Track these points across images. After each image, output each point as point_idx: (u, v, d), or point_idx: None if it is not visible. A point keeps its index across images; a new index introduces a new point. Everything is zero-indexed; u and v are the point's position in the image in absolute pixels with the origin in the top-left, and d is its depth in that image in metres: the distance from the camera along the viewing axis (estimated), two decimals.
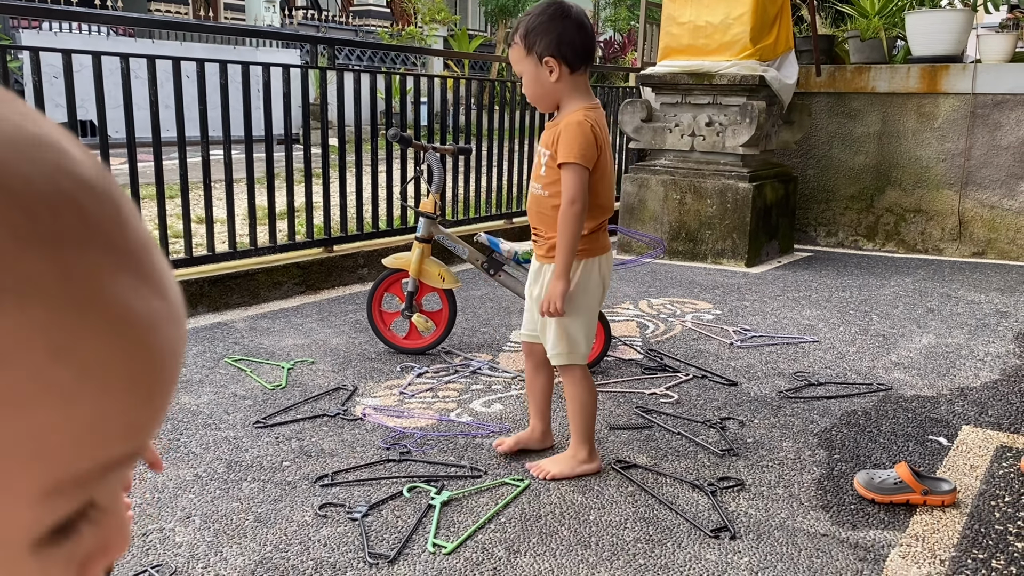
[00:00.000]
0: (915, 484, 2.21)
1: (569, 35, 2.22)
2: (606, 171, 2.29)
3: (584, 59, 2.26)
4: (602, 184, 2.29)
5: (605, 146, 2.27)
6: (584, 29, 2.25)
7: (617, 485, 2.31)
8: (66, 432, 0.27)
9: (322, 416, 2.76)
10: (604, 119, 2.32)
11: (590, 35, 2.27)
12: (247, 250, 4.27)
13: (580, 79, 2.29)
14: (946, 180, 5.99)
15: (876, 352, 3.58)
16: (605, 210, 2.35)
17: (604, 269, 2.38)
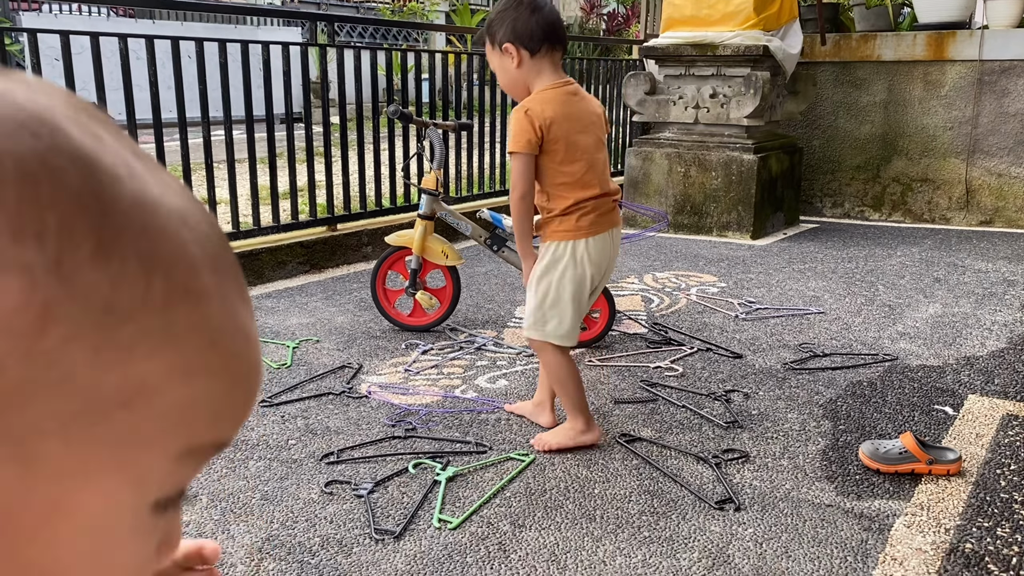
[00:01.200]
0: (920, 454, 2.20)
1: (523, 20, 2.26)
2: (569, 149, 2.25)
3: (543, 40, 2.27)
4: (569, 162, 2.27)
5: (560, 123, 2.24)
6: (540, 11, 2.27)
7: (622, 458, 2.32)
8: (206, 407, 0.33)
9: (327, 394, 2.77)
10: (571, 95, 2.30)
11: (548, 17, 2.28)
12: (250, 230, 4.26)
13: (544, 62, 2.30)
14: (953, 148, 5.94)
15: (882, 322, 3.57)
16: (581, 187, 2.27)
17: (591, 253, 2.29)
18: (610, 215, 2.35)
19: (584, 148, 2.28)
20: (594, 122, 2.33)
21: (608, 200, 2.33)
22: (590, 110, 2.34)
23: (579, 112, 2.29)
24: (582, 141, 2.27)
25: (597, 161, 2.31)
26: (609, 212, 2.34)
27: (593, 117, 2.33)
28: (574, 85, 2.35)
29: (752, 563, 1.83)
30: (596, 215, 2.30)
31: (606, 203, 2.33)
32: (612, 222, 2.35)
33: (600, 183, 2.31)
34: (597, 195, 2.29)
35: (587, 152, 2.28)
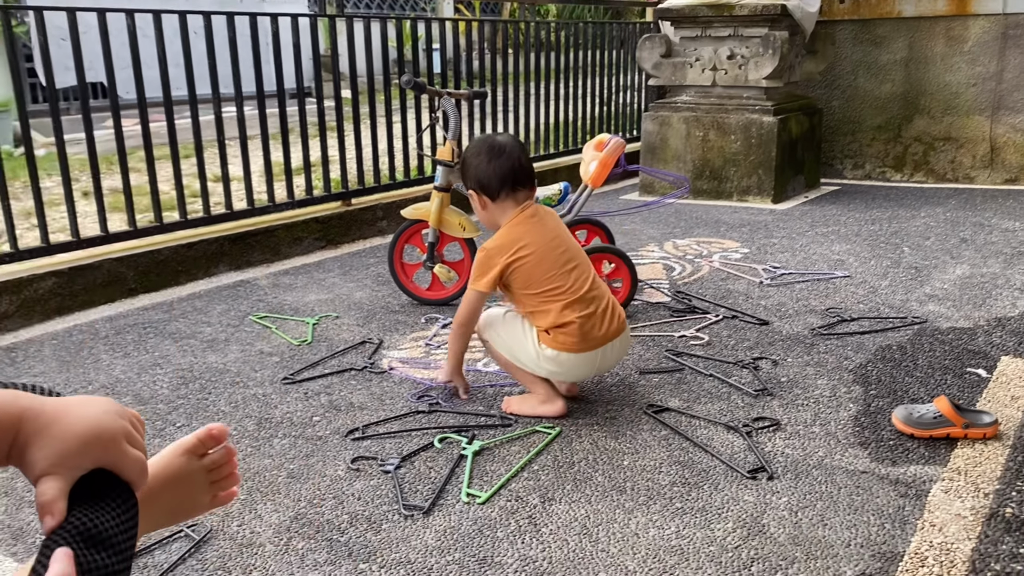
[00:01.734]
0: (956, 417, 2.15)
1: (483, 169, 2.37)
2: (540, 269, 2.30)
3: (500, 187, 2.37)
4: (541, 282, 2.30)
5: (529, 247, 2.30)
6: (498, 159, 2.35)
7: (650, 429, 2.28)
8: None
9: (349, 370, 2.74)
10: (530, 218, 2.36)
11: (503, 166, 2.35)
12: (266, 206, 4.23)
13: (507, 202, 2.39)
14: (976, 105, 5.81)
15: (909, 285, 3.50)
16: (556, 294, 2.28)
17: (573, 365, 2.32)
18: (605, 331, 2.31)
19: (563, 258, 2.32)
20: (563, 232, 2.40)
21: (599, 311, 2.30)
22: (555, 221, 2.42)
23: (546, 226, 2.37)
24: (560, 252, 2.32)
25: (581, 267, 2.33)
26: (601, 319, 2.30)
27: (562, 228, 2.41)
28: (532, 207, 2.40)
29: (788, 532, 1.79)
30: (584, 331, 2.28)
31: (598, 315, 2.29)
32: (605, 336, 2.31)
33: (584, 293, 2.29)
34: (590, 297, 2.29)
35: (568, 260, 2.32)
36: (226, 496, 0.98)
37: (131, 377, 2.74)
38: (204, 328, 3.20)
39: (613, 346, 2.34)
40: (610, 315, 2.33)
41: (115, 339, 3.11)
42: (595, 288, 2.33)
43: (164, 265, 3.75)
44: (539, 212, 2.41)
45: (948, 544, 1.73)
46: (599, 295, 2.33)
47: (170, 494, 0.92)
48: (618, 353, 2.39)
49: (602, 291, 2.36)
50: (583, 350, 2.29)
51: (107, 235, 3.64)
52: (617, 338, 2.35)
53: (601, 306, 2.31)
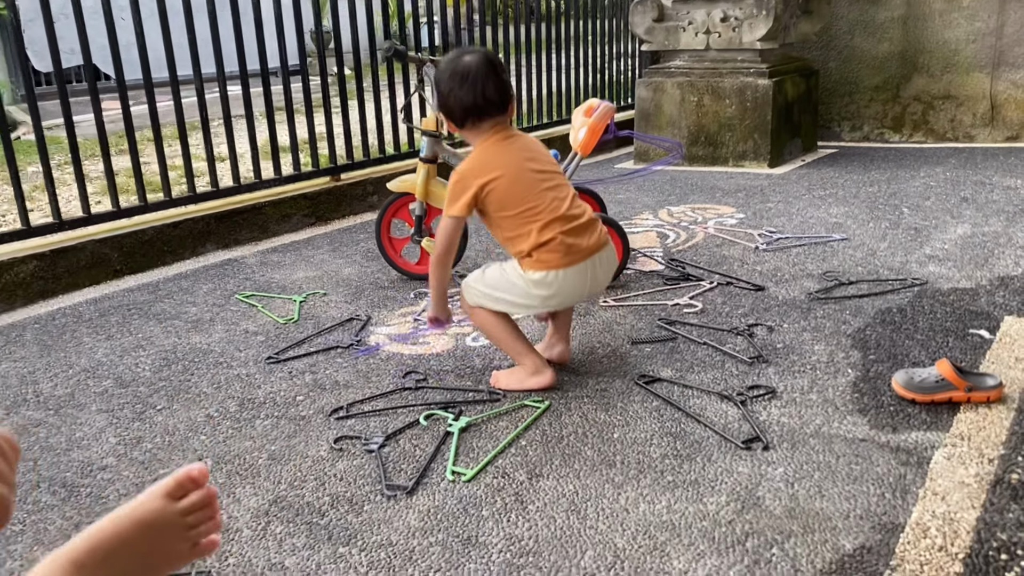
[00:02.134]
0: (958, 381, 2.08)
1: (451, 96, 2.25)
2: (512, 192, 2.21)
3: (464, 118, 2.26)
4: (516, 205, 2.21)
5: (500, 170, 2.21)
6: (466, 85, 2.22)
7: (641, 400, 2.22)
8: None
9: (335, 348, 2.67)
10: (503, 140, 2.27)
11: (475, 90, 2.22)
12: (253, 183, 4.14)
13: (474, 131, 2.29)
14: (976, 62, 5.69)
15: (909, 246, 3.42)
16: (533, 215, 2.20)
17: (564, 285, 2.23)
18: (587, 237, 2.24)
19: (537, 180, 2.23)
20: (540, 155, 2.30)
21: (578, 226, 2.23)
22: (529, 144, 2.32)
23: (520, 149, 2.27)
24: (533, 174, 2.23)
25: (555, 188, 2.24)
26: (583, 235, 2.23)
27: (539, 151, 2.31)
28: (506, 131, 2.30)
29: (784, 504, 1.73)
30: (568, 247, 2.21)
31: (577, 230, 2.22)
32: (589, 249, 2.24)
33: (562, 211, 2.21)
34: (568, 215, 2.22)
35: (543, 182, 2.23)
36: (208, 544, 0.90)
37: (113, 360, 2.68)
38: (189, 308, 3.13)
39: (601, 259, 2.27)
40: (591, 229, 2.26)
41: (99, 322, 3.04)
42: (575, 207, 2.25)
43: (149, 245, 3.67)
44: (513, 134, 2.31)
45: (951, 513, 1.67)
46: (579, 213, 2.25)
47: (144, 542, 0.85)
48: (607, 267, 2.31)
49: (583, 209, 2.27)
50: (570, 264, 2.21)
51: (90, 216, 3.56)
52: (602, 250, 2.27)
53: (582, 221, 2.24)
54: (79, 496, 1.91)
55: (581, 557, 1.59)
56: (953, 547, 1.56)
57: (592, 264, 2.25)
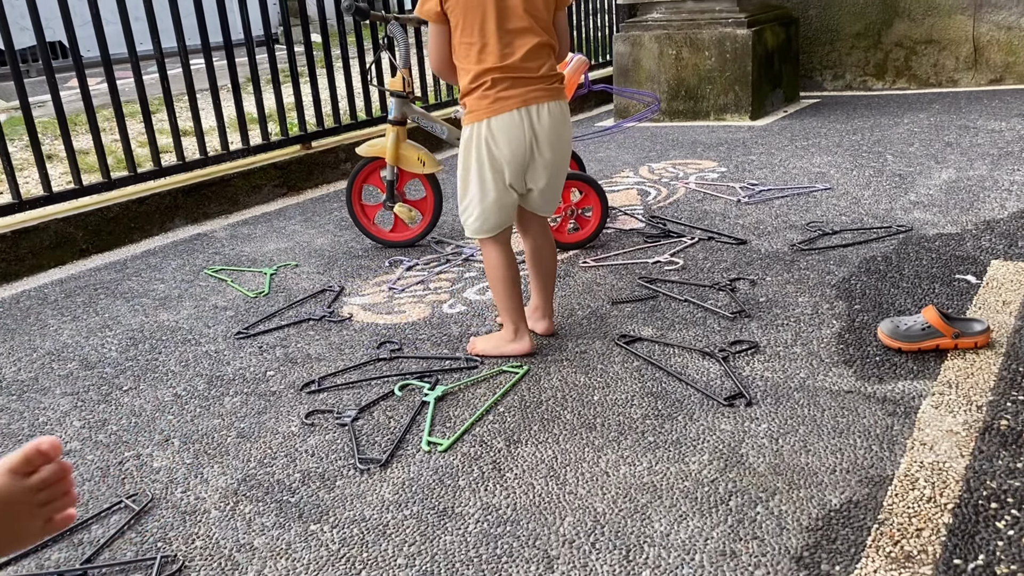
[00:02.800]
0: (944, 327, 2.03)
1: None
2: (465, 16, 2.04)
3: None
4: (464, 29, 2.05)
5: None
6: None
7: (622, 361, 2.15)
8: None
9: (307, 320, 2.60)
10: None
11: None
12: (220, 155, 4.03)
13: None
14: (958, 4, 5.59)
15: (893, 193, 3.35)
16: (480, 60, 2.04)
17: (488, 136, 2.07)
18: (522, 89, 2.05)
19: (491, 8, 2.03)
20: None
21: (518, 72, 2.05)
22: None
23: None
24: (489, 7, 2.03)
25: (514, 25, 2.05)
26: (524, 86, 2.05)
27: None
28: None
29: (768, 461, 1.67)
30: (500, 91, 2.04)
31: (518, 76, 2.05)
32: (528, 98, 2.05)
33: (510, 53, 2.04)
34: (504, 65, 2.03)
35: (498, 12, 2.03)
36: (62, 520, 0.83)
37: (79, 341, 2.59)
38: (157, 286, 3.04)
39: (541, 111, 2.07)
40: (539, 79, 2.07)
41: (64, 303, 2.95)
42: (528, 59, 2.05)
43: (115, 222, 3.57)
44: None
45: (940, 463, 1.62)
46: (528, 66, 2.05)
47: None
48: (555, 125, 2.09)
49: (539, 63, 2.07)
50: (497, 112, 2.05)
51: (51, 195, 3.45)
52: (543, 103, 2.07)
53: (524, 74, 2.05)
54: None
55: (560, 523, 1.54)
56: (942, 498, 1.51)
57: (527, 114, 2.06)
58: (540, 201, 2.21)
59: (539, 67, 2.08)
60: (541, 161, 2.12)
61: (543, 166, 2.13)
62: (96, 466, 1.88)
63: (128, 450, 1.94)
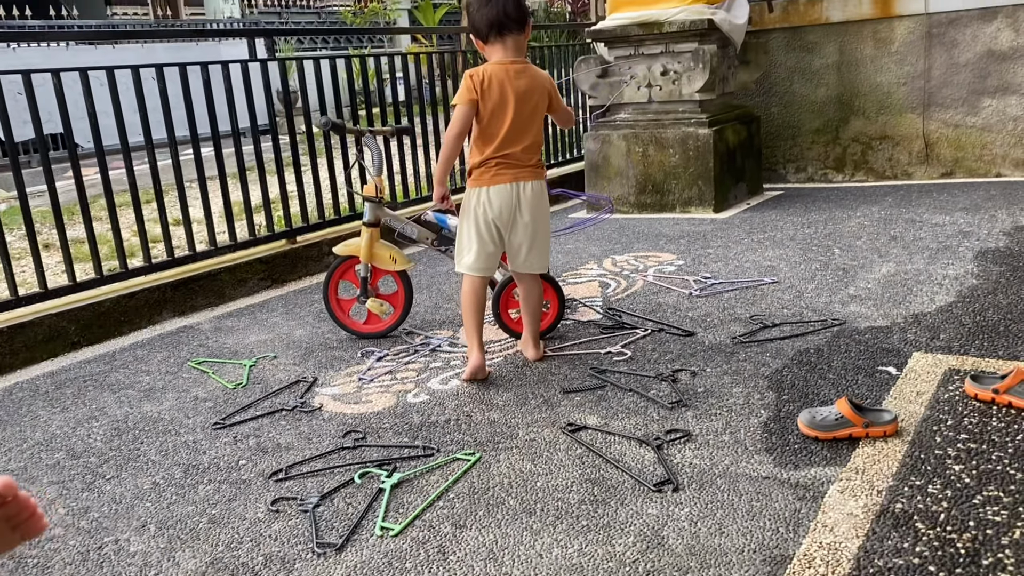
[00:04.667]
0: (855, 418, 2.23)
1: (477, 15, 2.82)
2: (491, 116, 2.80)
3: (489, 31, 2.81)
4: (487, 126, 2.81)
5: (492, 93, 2.78)
6: (486, 7, 2.78)
7: (566, 449, 2.34)
8: None
9: (280, 410, 2.79)
10: (515, 73, 2.80)
11: (491, 11, 2.77)
12: (208, 251, 4.27)
13: (496, 46, 2.83)
14: (908, 103, 5.95)
15: (834, 286, 3.59)
16: (493, 147, 2.81)
17: (486, 200, 2.84)
18: (515, 171, 2.83)
19: (509, 116, 2.79)
20: (532, 96, 2.82)
21: (516, 159, 2.83)
22: (531, 86, 2.82)
23: (516, 85, 2.79)
24: (512, 108, 2.79)
25: (520, 128, 2.82)
26: (516, 168, 2.83)
27: (533, 92, 2.83)
28: (521, 65, 2.83)
29: (685, 543, 1.85)
30: (498, 169, 2.83)
31: (515, 162, 2.83)
32: (518, 176, 2.84)
33: (513, 144, 2.82)
34: (505, 154, 2.82)
35: (511, 120, 2.79)
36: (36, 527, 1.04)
37: (66, 432, 2.77)
38: (143, 377, 3.24)
39: (525, 185, 2.85)
40: (526, 167, 2.85)
41: (55, 394, 3.14)
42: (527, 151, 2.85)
43: (106, 316, 3.78)
44: (523, 68, 2.82)
45: (837, 543, 1.80)
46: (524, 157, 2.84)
47: None
48: (536, 196, 2.87)
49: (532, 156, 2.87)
50: (494, 183, 2.83)
51: (47, 291, 3.67)
52: (528, 180, 2.85)
53: (519, 160, 2.84)
54: (27, 567, 2.00)
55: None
56: (834, 575, 1.69)
57: (516, 187, 2.84)
58: (527, 260, 2.93)
59: (529, 158, 2.88)
60: (522, 221, 2.88)
61: (523, 225, 2.89)
62: (77, 551, 2.05)
63: (107, 535, 2.11)
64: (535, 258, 2.96)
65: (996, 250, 3.91)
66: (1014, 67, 5.61)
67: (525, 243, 2.91)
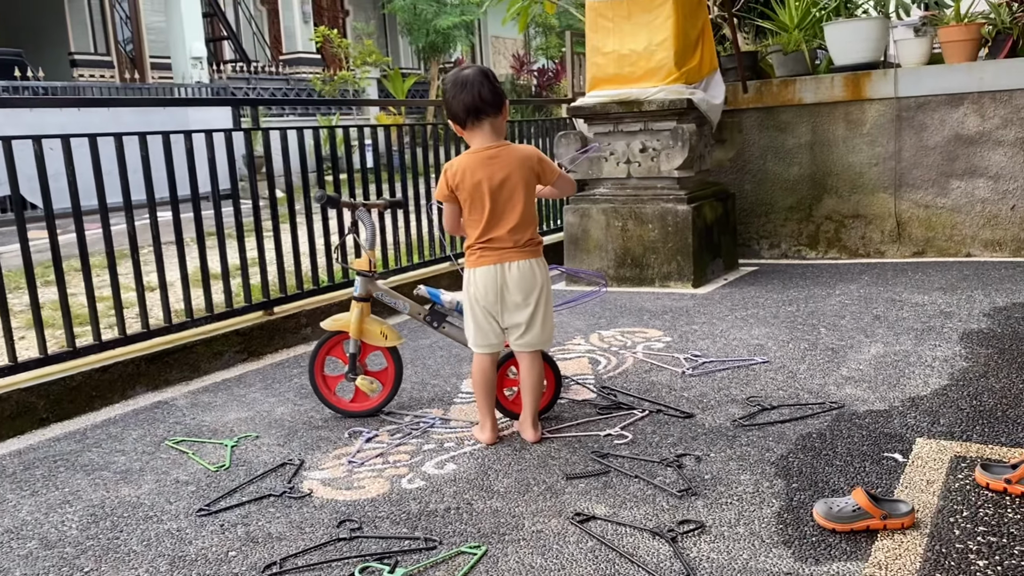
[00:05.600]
0: (873, 509, 2.18)
1: (452, 102, 2.86)
2: (472, 202, 2.86)
3: (466, 117, 2.85)
4: (471, 211, 2.87)
5: (465, 185, 2.84)
6: (462, 92, 2.81)
7: (576, 541, 2.25)
8: None
9: (268, 496, 2.66)
10: (488, 159, 2.84)
11: (472, 93, 2.80)
12: (183, 322, 4.15)
13: (475, 131, 2.88)
14: (880, 183, 6.09)
15: (826, 367, 3.58)
16: (477, 232, 2.86)
17: (475, 281, 2.90)
18: (499, 252, 2.86)
19: (486, 205, 2.84)
20: (509, 180, 2.84)
21: (501, 241, 2.85)
22: (508, 170, 2.84)
23: (491, 172, 2.84)
24: (487, 197, 2.83)
25: (500, 213, 2.85)
26: (499, 250, 2.86)
27: (511, 176, 2.84)
28: (495, 149, 2.86)
29: None
30: (482, 252, 2.88)
31: (499, 243, 2.86)
32: (502, 258, 2.86)
33: (496, 229, 2.85)
34: (488, 239, 2.86)
35: (488, 208, 2.84)
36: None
37: (38, 518, 2.61)
38: (118, 457, 3.08)
39: (511, 266, 2.86)
40: (512, 246, 2.86)
41: (23, 475, 2.97)
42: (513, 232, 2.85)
43: (77, 391, 3.62)
44: (499, 151, 2.85)
45: None
46: (508, 238, 2.85)
47: None
48: (522, 275, 2.87)
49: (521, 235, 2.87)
50: (480, 264, 2.88)
51: (15, 364, 3.51)
52: (514, 260, 2.86)
53: (503, 242, 2.85)
54: None
55: None
56: None
57: (500, 268, 2.86)
58: (523, 338, 2.92)
59: (516, 240, 2.88)
60: (511, 300, 2.89)
61: (514, 305, 2.89)
62: None
63: None
64: (532, 336, 2.93)
65: (979, 331, 3.95)
66: (980, 151, 5.78)
67: (520, 321, 2.90)
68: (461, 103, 2.82)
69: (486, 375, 2.97)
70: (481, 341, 2.95)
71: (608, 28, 5.65)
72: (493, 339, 2.94)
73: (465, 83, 2.82)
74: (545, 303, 2.93)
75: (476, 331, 2.95)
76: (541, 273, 2.92)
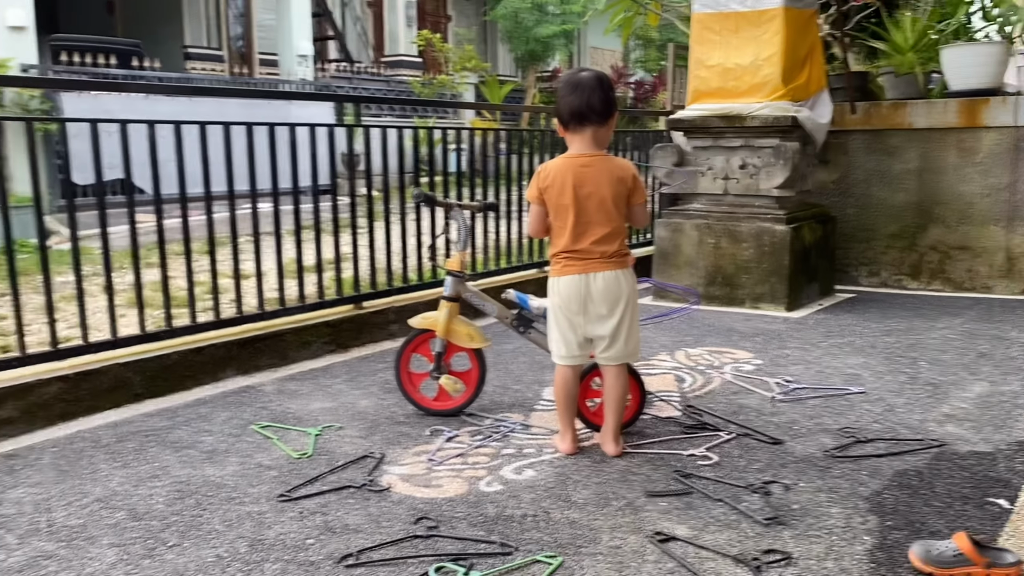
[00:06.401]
0: (976, 557, 2.05)
1: (563, 101, 2.80)
2: (558, 209, 2.82)
3: (570, 120, 2.81)
4: (557, 218, 2.83)
5: (553, 191, 2.80)
6: (572, 95, 2.76)
7: (655, 561, 2.19)
8: None
9: (348, 487, 2.67)
10: (581, 167, 2.79)
11: (582, 98, 2.75)
12: (276, 310, 4.23)
13: (575, 136, 2.83)
14: (991, 215, 5.80)
15: (926, 403, 3.41)
16: (562, 240, 2.82)
17: (559, 290, 2.85)
18: (584, 262, 2.80)
19: (571, 214, 2.78)
20: (599, 191, 2.78)
21: (586, 253, 2.79)
22: (598, 180, 2.78)
23: (582, 180, 2.78)
24: (573, 205, 2.78)
25: (586, 223, 2.79)
26: (584, 260, 2.80)
27: (600, 185, 2.78)
28: (590, 158, 2.80)
29: None
30: (567, 261, 2.82)
31: (585, 255, 2.80)
32: (587, 268, 2.80)
33: (581, 240, 2.79)
34: (575, 249, 2.80)
35: (574, 217, 2.78)
36: None
37: (128, 489, 2.68)
38: (205, 437, 3.15)
39: (595, 276, 2.79)
40: (597, 257, 2.79)
41: (116, 447, 3.06)
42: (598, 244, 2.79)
43: (172, 370, 3.73)
44: (594, 161, 2.79)
45: None
46: (594, 250, 2.79)
47: None
48: (607, 285, 2.80)
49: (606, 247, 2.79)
50: (564, 274, 2.83)
51: (116, 340, 3.64)
52: (599, 271, 2.79)
53: (588, 253, 2.79)
54: None
55: None
56: None
57: (585, 279, 2.80)
58: (608, 351, 2.85)
59: (603, 252, 2.80)
60: (595, 312, 2.82)
61: (598, 316, 2.82)
62: None
63: None
64: (617, 349, 2.86)
65: None
66: None
67: (604, 333, 2.84)
68: (568, 105, 2.78)
69: (568, 387, 2.93)
70: (564, 352, 2.90)
71: (714, 41, 5.55)
72: (576, 350, 2.89)
73: (577, 86, 2.76)
74: (631, 316, 2.86)
75: (559, 341, 2.90)
76: (628, 284, 2.85)
